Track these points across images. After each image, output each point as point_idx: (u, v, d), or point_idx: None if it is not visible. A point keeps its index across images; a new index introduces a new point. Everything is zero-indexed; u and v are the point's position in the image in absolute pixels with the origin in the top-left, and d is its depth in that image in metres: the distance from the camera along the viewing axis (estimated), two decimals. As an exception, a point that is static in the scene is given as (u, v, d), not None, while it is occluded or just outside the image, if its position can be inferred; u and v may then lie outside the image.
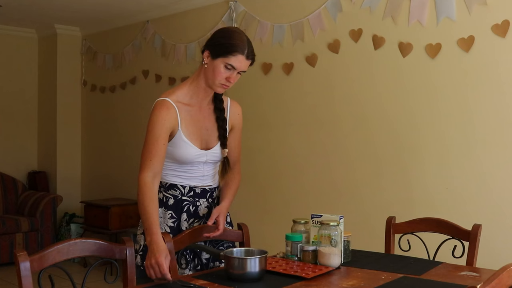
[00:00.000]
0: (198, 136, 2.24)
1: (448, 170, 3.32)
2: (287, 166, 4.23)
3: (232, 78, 2.16)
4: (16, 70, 6.38)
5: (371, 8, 3.67)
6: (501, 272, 1.33)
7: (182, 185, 2.27)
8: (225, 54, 2.12)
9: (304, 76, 4.10)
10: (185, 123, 2.20)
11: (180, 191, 2.26)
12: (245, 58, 2.15)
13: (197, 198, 2.29)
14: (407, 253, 2.42)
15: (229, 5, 4.56)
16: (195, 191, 2.28)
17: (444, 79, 3.34)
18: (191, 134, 2.21)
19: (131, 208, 5.34)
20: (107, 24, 5.96)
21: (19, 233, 5.51)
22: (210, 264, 2.29)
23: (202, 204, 2.30)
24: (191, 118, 2.23)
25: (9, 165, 6.28)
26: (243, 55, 2.14)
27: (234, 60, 2.12)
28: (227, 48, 2.12)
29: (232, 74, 2.15)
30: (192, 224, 2.28)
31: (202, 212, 2.29)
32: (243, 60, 2.14)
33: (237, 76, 2.18)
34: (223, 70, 2.14)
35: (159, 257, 1.94)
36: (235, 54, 2.12)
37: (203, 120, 2.26)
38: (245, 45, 2.14)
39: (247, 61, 2.16)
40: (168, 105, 2.17)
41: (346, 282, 1.89)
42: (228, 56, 2.12)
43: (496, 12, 3.11)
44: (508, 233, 3.07)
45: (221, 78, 2.15)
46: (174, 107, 2.17)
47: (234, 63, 2.13)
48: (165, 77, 5.26)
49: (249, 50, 2.15)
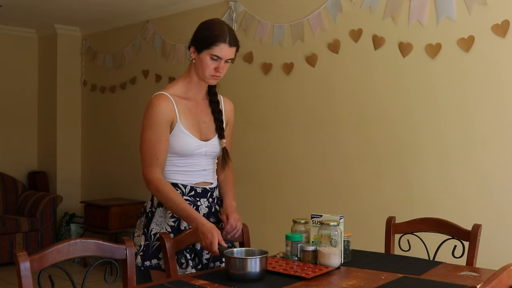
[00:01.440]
0: (197, 128, 2.28)
1: (448, 170, 3.32)
2: (287, 166, 4.23)
3: (221, 68, 2.21)
4: (16, 70, 6.38)
5: (371, 8, 3.67)
6: (501, 272, 1.33)
7: (183, 184, 2.27)
8: (208, 46, 2.18)
9: (304, 76, 4.10)
10: (183, 115, 2.24)
11: (181, 191, 2.27)
12: (228, 45, 2.19)
13: (198, 198, 2.30)
14: (407, 253, 2.42)
15: (229, 5, 4.56)
16: (196, 190, 2.29)
17: (444, 79, 3.34)
18: (191, 126, 2.26)
19: (131, 208, 5.34)
20: (107, 24, 5.96)
21: (19, 233, 5.51)
22: (210, 264, 2.29)
23: (203, 204, 2.31)
24: (189, 111, 2.27)
25: (9, 165, 6.28)
26: (226, 43, 2.18)
27: (217, 50, 2.17)
28: (209, 40, 2.18)
29: (220, 63, 2.20)
30: None
31: (203, 211, 2.30)
32: (226, 48, 2.18)
33: (225, 65, 2.23)
34: (210, 62, 2.19)
35: (210, 235, 2.07)
36: (217, 44, 2.17)
37: (200, 113, 2.31)
38: (226, 33, 2.19)
39: (230, 48, 2.20)
40: (164, 97, 2.23)
41: (346, 282, 1.89)
42: (212, 47, 2.17)
43: (496, 12, 3.11)
44: (508, 233, 3.07)
45: (210, 70, 2.20)
46: (171, 99, 2.23)
47: (219, 52, 2.18)
48: (165, 77, 5.26)
49: (230, 37, 2.19)
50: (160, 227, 2.26)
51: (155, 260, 2.23)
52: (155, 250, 2.23)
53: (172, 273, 2.09)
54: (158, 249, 2.22)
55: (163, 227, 2.25)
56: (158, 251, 2.22)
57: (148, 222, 2.29)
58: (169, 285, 1.81)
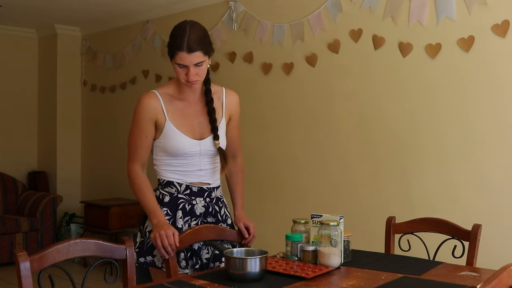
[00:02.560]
0: (190, 128, 2.26)
1: (447, 170, 3.32)
2: (287, 165, 4.23)
3: (191, 74, 2.15)
4: (16, 70, 6.38)
5: (371, 8, 3.67)
6: (501, 272, 1.33)
7: (178, 182, 2.27)
8: (171, 56, 2.16)
9: (304, 76, 4.10)
10: (173, 114, 2.24)
11: (176, 189, 2.27)
12: (187, 52, 2.11)
13: (194, 197, 2.28)
14: (407, 253, 2.42)
15: (229, 5, 4.56)
16: (191, 189, 2.28)
17: (444, 79, 3.34)
18: (183, 126, 2.24)
19: (131, 208, 5.34)
20: (107, 24, 5.96)
21: (19, 233, 5.51)
22: (210, 264, 2.29)
23: (199, 203, 2.29)
24: (182, 111, 2.26)
25: (9, 165, 6.28)
26: (183, 51, 2.11)
27: (178, 58, 2.13)
28: (170, 50, 2.15)
29: (188, 70, 2.14)
30: (189, 222, 2.27)
31: (199, 211, 2.29)
32: (185, 55, 2.12)
33: (197, 69, 2.15)
34: (179, 70, 2.16)
35: (168, 230, 2.08)
36: (176, 53, 2.13)
37: (195, 114, 2.29)
38: (183, 40, 2.11)
39: (190, 55, 2.12)
40: (152, 95, 2.24)
41: (346, 282, 1.89)
42: (174, 57, 2.15)
43: (496, 12, 3.11)
44: (508, 233, 3.07)
45: (182, 76, 2.17)
46: (158, 97, 2.23)
47: (180, 61, 2.13)
48: (165, 77, 5.26)
49: (188, 42, 2.11)
50: None
51: (149, 257, 2.24)
52: (149, 247, 2.24)
53: (172, 273, 2.09)
54: (152, 246, 2.23)
55: None
56: (152, 248, 2.23)
57: (144, 219, 2.30)
58: (169, 285, 1.81)
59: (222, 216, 2.37)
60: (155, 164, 2.32)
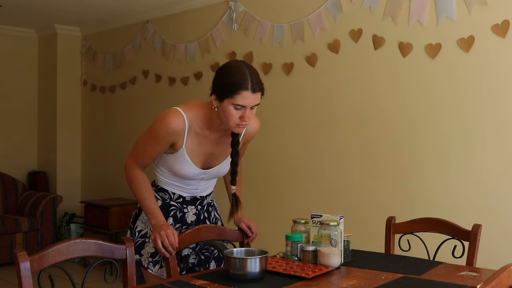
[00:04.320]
0: (202, 159, 2.21)
1: (447, 170, 3.32)
2: (286, 166, 4.23)
3: (246, 116, 2.00)
4: (16, 70, 6.38)
5: (371, 8, 3.67)
6: (501, 272, 1.33)
7: (172, 192, 2.29)
8: (229, 95, 1.97)
9: (304, 76, 4.10)
10: (191, 143, 2.15)
11: (169, 196, 2.28)
12: (251, 92, 1.97)
13: (185, 205, 2.30)
14: (407, 253, 2.42)
15: (229, 5, 4.56)
16: (184, 198, 2.30)
17: (443, 79, 3.34)
18: (196, 156, 2.18)
19: (131, 208, 5.33)
20: (107, 24, 5.96)
21: (19, 233, 5.51)
22: (196, 268, 2.31)
23: (190, 211, 2.31)
24: (200, 141, 2.16)
25: (9, 165, 6.28)
26: (248, 91, 1.97)
27: (240, 99, 1.97)
28: (230, 88, 1.97)
29: (245, 112, 2.00)
30: (180, 229, 2.28)
31: (190, 219, 2.30)
32: (249, 95, 1.97)
33: (251, 111, 2.02)
34: (234, 112, 2.00)
35: (167, 229, 2.06)
36: (238, 93, 1.96)
37: (211, 146, 2.19)
38: (247, 79, 1.97)
39: (254, 95, 1.98)
40: (179, 119, 2.09)
41: (346, 282, 1.89)
42: (233, 96, 1.97)
43: (496, 12, 3.11)
44: (508, 233, 3.07)
45: (234, 119, 2.01)
46: (185, 122, 2.09)
47: (241, 101, 1.97)
48: (165, 77, 5.26)
49: (253, 82, 1.98)
50: (145, 225, 2.29)
51: (137, 256, 2.25)
52: (137, 246, 2.25)
53: (172, 272, 2.09)
54: (140, 245, 2.25)
55: (148, 225, 2.27)
56: (140, 247, 2.25)
57: (135, 218, 2.33)
58: (169, 285, 1.81)
59: (212, 220, 2.39)
60: (155, 169, 2.32)
